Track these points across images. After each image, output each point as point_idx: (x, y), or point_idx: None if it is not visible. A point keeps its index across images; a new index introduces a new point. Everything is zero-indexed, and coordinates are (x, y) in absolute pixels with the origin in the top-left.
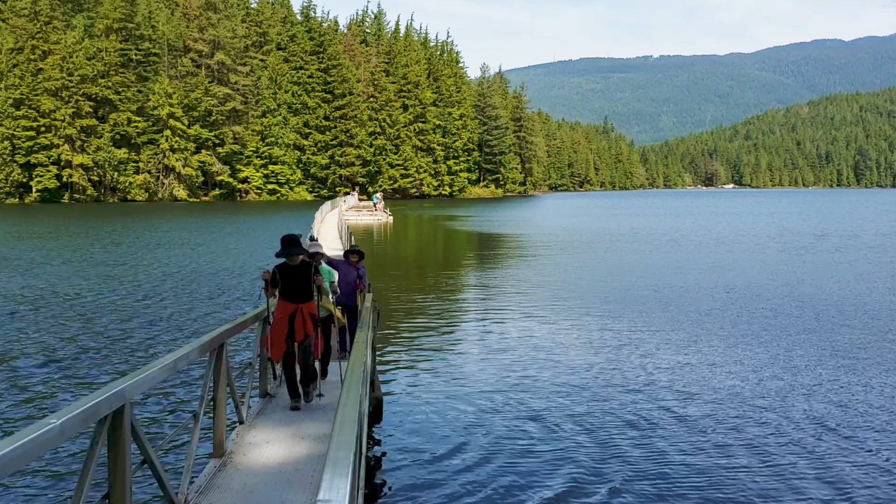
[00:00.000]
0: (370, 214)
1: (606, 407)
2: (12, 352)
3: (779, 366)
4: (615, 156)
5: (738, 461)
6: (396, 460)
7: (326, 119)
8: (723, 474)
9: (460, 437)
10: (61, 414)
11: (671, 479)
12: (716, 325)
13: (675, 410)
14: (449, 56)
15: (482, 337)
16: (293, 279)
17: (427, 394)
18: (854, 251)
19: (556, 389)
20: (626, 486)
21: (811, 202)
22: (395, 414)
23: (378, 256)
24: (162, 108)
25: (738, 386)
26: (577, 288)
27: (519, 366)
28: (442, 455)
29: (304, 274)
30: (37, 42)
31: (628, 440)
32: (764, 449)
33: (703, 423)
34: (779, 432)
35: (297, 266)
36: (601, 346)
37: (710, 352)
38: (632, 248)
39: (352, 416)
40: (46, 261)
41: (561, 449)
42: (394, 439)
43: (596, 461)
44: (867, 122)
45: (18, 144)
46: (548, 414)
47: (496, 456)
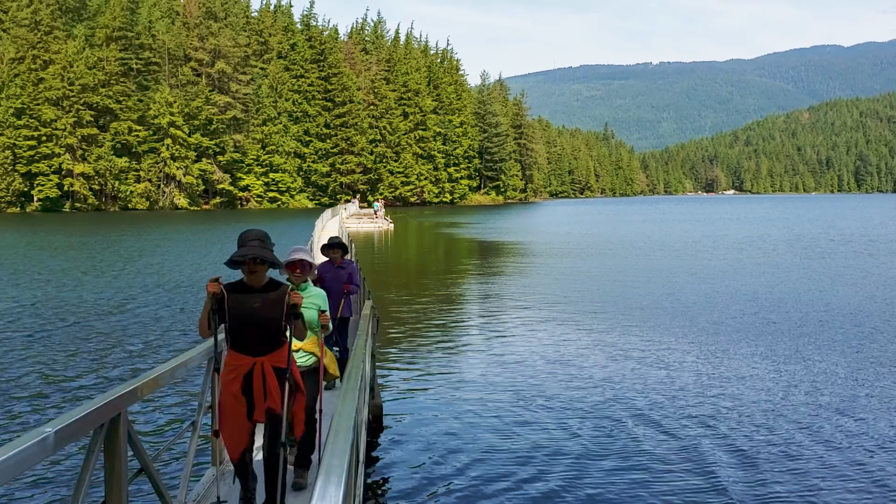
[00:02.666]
0: (371, 222)
1: (612, 418)
2: (5, 359)
3: (803, 374)
4: (616, 162)
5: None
6: (396, 469)
7: (327, 127)
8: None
9: (461, 445)
10: (56, 423)
11: (681, 493)
12: (742, 335)
13: (685, 422)
14: (449, 63)
15: (484, 344)
16: (251, 314)
17: (428, 402)
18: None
19: (559, 399)
20: (633, 502)
21: (819, 207)
22: (395, 422)
23: (379, 264)
24: (163, 116)
25: (757, 397)
26: (584, 296)
27: (522, 374)
28: (443, 464)
29: (272, 303)
30: (38, 52)
31: (635, 454)
32: (798, 474)
33: (708, 436)
34: (816, 454)
35: (261, 289)
36: (607, 355)
37: (729, 363)
38: (643, 254)
39: (347, 425)
40: (45, 269)
41: (564, 459)
42: (394, 447)
43: (600, 472)
44: (867, 127)
45: (20, 154)
46: (551, 424)
47: (498, 466)
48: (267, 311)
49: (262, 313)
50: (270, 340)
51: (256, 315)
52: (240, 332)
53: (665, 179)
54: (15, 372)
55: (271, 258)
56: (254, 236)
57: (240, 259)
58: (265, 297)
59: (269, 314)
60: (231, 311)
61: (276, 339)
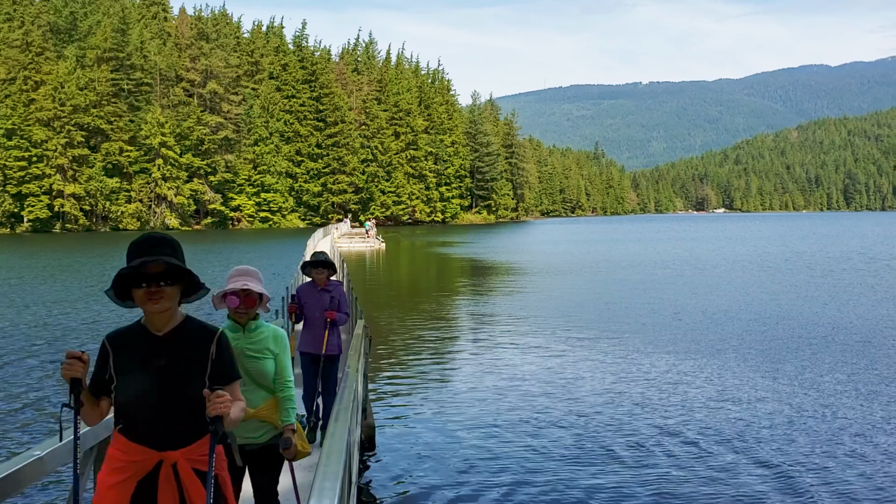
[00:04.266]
0: (363, 241)
1: (606, 437)
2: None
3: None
4: (606, 181)
5: None
6: (389, 489)
7: (318, 147)
8: None
9: (455, 464)
10: (46, 445)
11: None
12: (756, 354)
13: (684, 441)
14: (440, 84)
15: (477, 363)
16: (152, 382)
17: (421, 421)
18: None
19: (554, 418)
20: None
21: (811, 225)
22: (388, 442)
23: (371, 283)
24: (154, 137)
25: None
26: (578, 315)
27: (514, 393)
28: (437, 484)
29: (190, 362)
30: (29, 72)
31: (630, 472)
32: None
33: (715, 452)
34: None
35: (169, 336)
36: (601, 374)
37: (740, 383)
38: (642, 272)
39: (339, 447)
40: (34, 288)
41: (560, 479)
42: (387, 468)
43: (595, 491)
44: (855, 146)
45: (10, 175)
46: (545, 443)
47: (491, 484)
48: (178, 376)
49: (170, 380)
50: (188, 423)
51: (162, 382)
52: (133, 411)
53: (656, 198)
54: (5, 392)
55: (188, 275)
56: (156, 241)
57: (129, 274)
58: (175, 351)
59: (181, 381)
60: (119, 376)
61: (198, 421)
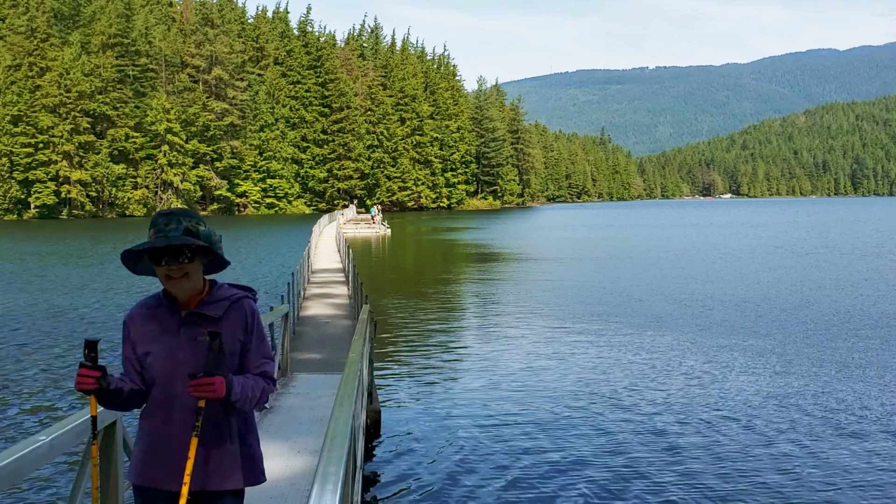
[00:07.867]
0: (368, 227)
1: (613, 424)
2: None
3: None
4: (612, 167)
5: None
6: (395, 474)
7: (324, 133)
8: None
9: (462, 451)
10: (50, 431)
11: None
12: (767, 344)
13: (686, 431)
14: (445, 69)
15: (483, 348)
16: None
17: (427, 406)
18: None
19: (558, 404)
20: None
21: (822, 211)
22: (394, 426)
23: (376, 269)
24: (160, 123)
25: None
26: (588, 302)
27: (521, 378)
28: (443, 470)
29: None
30: (34, 59)
31: (636, 462)
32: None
33: (721, 452)
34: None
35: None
36: (610, 362)
37: (745, 376)
38: (661, 260)
39: (342, 431)
40: (39, 276)
41: (567, 467)
42: (393, 452)
43: (601, 479)
44: (863, 130)
45: (17, 161)
46: (550, 428)
47: (497, 469)
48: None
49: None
50: None
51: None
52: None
53: (662, 184)
54: (11, 377)
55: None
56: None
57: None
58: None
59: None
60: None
61: None
